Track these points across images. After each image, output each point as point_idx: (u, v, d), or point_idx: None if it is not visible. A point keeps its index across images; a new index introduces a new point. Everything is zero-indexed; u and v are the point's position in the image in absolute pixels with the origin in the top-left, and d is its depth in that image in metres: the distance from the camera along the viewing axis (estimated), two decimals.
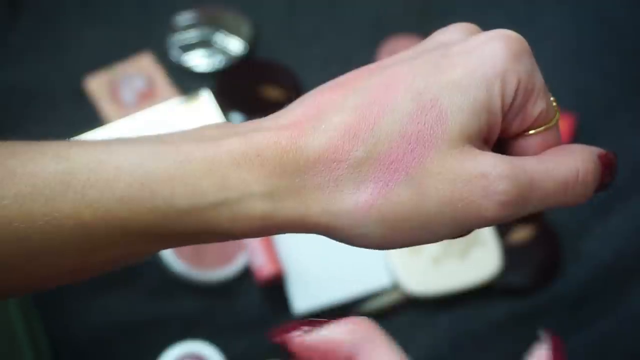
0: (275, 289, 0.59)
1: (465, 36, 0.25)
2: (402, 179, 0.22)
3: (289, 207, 0.22)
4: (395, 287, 0.59)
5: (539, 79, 0.24)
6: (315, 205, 0.22)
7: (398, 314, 0.59)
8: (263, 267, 0.58)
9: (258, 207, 0.22)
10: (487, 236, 0.60)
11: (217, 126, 0.24)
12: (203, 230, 0.23)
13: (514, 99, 0.23)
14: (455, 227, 0.23)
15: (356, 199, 0.22)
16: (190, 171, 0.22)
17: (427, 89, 0.22)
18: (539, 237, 0.62)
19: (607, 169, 0.24)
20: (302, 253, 0.59)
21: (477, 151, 0.22)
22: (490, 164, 0.22)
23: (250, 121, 0.25)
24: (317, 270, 0.58)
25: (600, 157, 0.24)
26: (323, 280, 0.58)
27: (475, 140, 0.23)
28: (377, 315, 0.58)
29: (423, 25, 0.71)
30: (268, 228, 0.23)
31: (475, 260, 0.59)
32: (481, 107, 0.22)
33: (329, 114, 0.23)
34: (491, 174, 0.22)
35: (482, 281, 0.59)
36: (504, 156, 0.23)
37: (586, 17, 0.76)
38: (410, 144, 0.22)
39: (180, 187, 0.22)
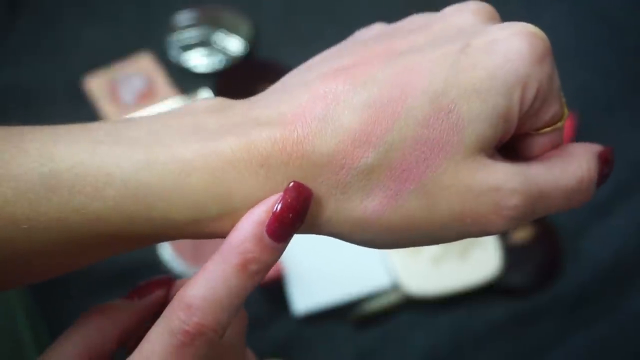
0: (275, 289, 0.58)
1: (482, 22, 0.23)
2: (413, 188, 0.21)
3: None
4: (395, 287, 0.58)
5: (556, 82, 0.23)
6: (322, 213, 0.22)
7: (398, 314, 0.58)
8: None
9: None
10: (487, 236, 0.60)
11: (212, 108, 0.23)
12: (201, 236, 0.22)
13: (531, 104, 0.22)
14: (458, 237, 0.22)
15: (364, 208, 0.21)
16: (189, 184, 0.21)
17: (445, 91, 0.21)
18: (539, 237, 0.62)
19: (606, 165, 0.24)
20: (302, 253, 0.59)
21: (489, 161, 0.21)
22: (503, 177, 0.21)
23: (249, 104, 0.23)
24: (317, 271, 0.58)
25: (600, 156, 0.24)
26: (323, 280, 0.58)
27: (488, 148, 0.22)
28: (377, 315, 0.58)
29: None
30: None
31: (475, 261, 0.59)
32: (498, 116, 0.21)
33: (337, 112, 0.21)
34: (503, 188, 0.21)
35: (482, 281, 0.58)
36: (514, 166, 0.22)
37: (585, 15, 0.76)
38: (423, 152, 0.21)
39: (178, 200, 0.21)
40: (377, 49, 0.23)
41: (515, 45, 0.21)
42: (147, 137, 0.21)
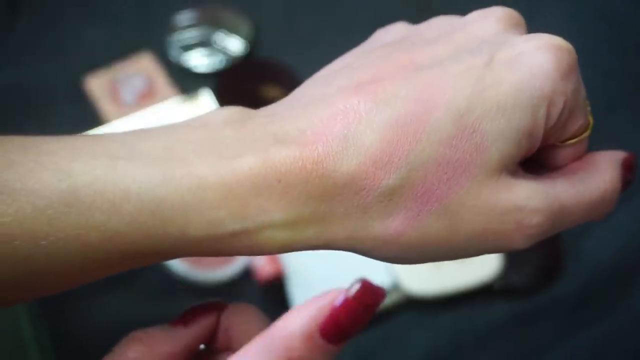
0: (275, 289, 0.58)
1: (506, 30, 0.23)
2: (435, 209, 0.21)
3: (312, 234, 0.21)
4: (395, 287, 0.58)
5: (582, 94, 0.22)
6: (341, 232, 0.21)
7: (398, 314, 0.58)
8: (263, 267, 0.58)
9: (279, 236, 0.21)
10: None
11: (230, 120, 0.22)
12: (217, 253, 0.22)
13: (557, 120, 0.21)
14: (478, 253, 0.22)
15: (385, 228, 0.21)
16: (206, 200, 0.20)
17: (469, 109, 0.20)
18: None
19: (629, 172, 0.24)
20: (303, 253, 0.59)
21: (513, 180, 0.21)
22: (526, 196, 0.21)
23: (267, 118, 0.22)
24: (317, 270, 0.58)
25: (624, 164, 0.24)
26: (323, 280, 0.58)
27: (511, 166, 0.21)
28: (377, 315, 0.58)
29: None
30: (287, 251, 0.22)
31: (476, 261, 0.59)
32: (523, 134, 0.21)
33: (359, 131, 0.20)
34: (526, 207, 0.21)
35: (483, 281, 0.58)
36: (537, 184, 0.21)
37: (587, 14, 0.76)
38: (446, 173, 0.20)
39: (195, 216, 0.20)
40: (397, 60, 0.22)
41: (540, 60, 0.21)
42: (163, 152, 0.21)
